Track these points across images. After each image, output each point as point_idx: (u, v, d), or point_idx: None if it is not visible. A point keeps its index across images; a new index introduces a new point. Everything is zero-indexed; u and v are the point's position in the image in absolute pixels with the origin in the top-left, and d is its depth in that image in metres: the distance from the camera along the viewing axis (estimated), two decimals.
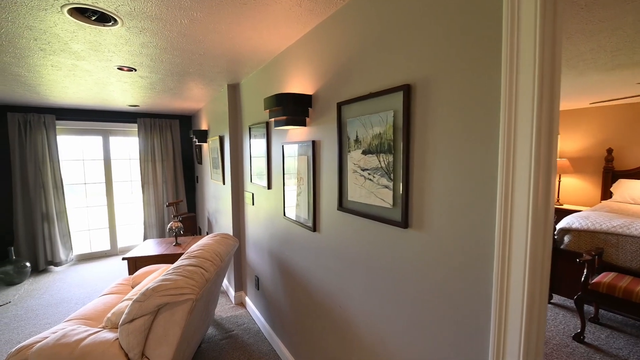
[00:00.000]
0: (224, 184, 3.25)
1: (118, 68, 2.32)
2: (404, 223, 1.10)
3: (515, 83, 0.75)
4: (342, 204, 1.45)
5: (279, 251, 2.22)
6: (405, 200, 1.09)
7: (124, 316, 1.57)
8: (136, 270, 2.91)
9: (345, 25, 1.38)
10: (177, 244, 3.19)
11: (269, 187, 2.32)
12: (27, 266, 3.81)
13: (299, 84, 1.81)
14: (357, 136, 1.32)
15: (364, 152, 1.28)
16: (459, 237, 0.93)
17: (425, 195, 1.04)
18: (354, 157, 1.34)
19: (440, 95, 0.97)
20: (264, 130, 2.30)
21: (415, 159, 1.07)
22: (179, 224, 3.17)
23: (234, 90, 2.95)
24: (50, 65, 2.23)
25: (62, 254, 4.31)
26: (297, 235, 1.94)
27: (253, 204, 2.69)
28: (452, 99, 0.93)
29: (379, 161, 1.20)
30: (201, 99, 3.68)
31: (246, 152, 2.78)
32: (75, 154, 4.57)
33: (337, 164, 1.48)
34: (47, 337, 1.68)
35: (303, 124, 1.74)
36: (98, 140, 4.65)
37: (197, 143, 4.18)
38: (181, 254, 2.93)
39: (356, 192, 1.34)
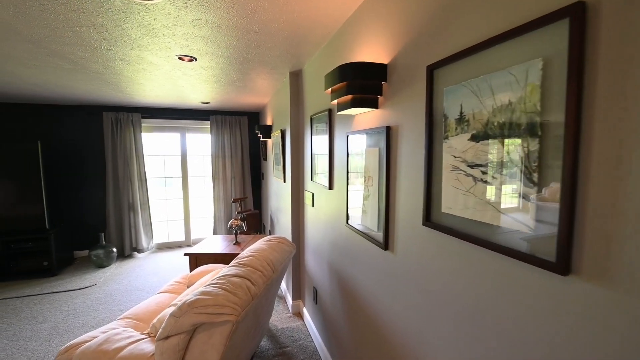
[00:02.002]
0: (284, 181, 3.01)
1: (179, 58, 2.22)
2: (564, 265, 0.59)
3: None
4: (430, 217, 0.98)
5: (340, 264, 1.83)
6: (568, 222, 0.58)
7: (160, 330, 1.37)
8: (196, 267, 2.86)
9: None
10: (237, 243, 3.06)
11: (331, 187, 1.94)
12: (114, 251, 4.21)
13: (370, 53, 1.38)
14: (461, 113, 0.83)
15: (476, 138, 0.79)
16: None
17: (619, 213, 0.52)
18: (455, 146, 0.86)
19: None
20: (326, 119, 1.93)
21: (596, 144, 0.55)
22: (239, 222, 3.04)
23: (296, 79, 2.66)
24: (119, 58, 2.24)
25: (144, 242, 4.68)
26: (362, 250, 1.51)
27: (313, 205, 2.35)
28: None
29: (508, 151, 0.70)
30: (265, 92, 3.52)
31: (307, 146, 2.46)
32: (156, 149, 4.93)
33: (423, 158, 1.01)
34: (94, 338, 1.62)
35: (374, 104, 1.30)
36: (176, 137, 4.94)
37: (262, 139, 4.08)
38: (238, 255, 2.78)
39: (457, 201, 0.85)
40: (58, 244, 3.89)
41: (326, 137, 1.95)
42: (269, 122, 4.09)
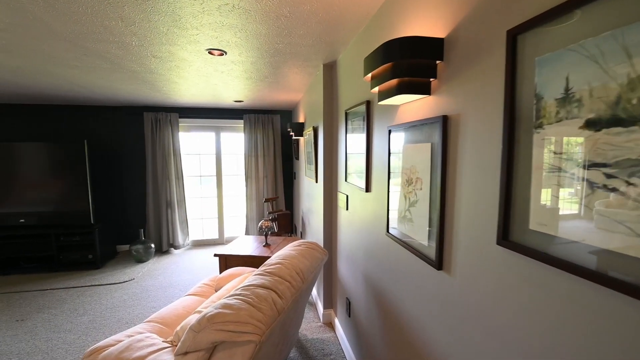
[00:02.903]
0: (316, 182, 2.83)
1: (209, 52, 2.13)
2: None
3: None
4: (508, 235, 0.73)
5: (377, 277, 1.60)
6: None
7: (179, 344, 1.25)
8: (226, 268, 2.78)
9: None
10: (267, 245, 2.95)
11: (368, 189, 1.72)
12: (152, 247, 4.33)
13: (420, 27, 1.14)
14: (567, 89, 0.58)
15: (595, 125, 0.53)
16: None
17: None
18: (556, 138, 0.60)
19: None
20: (364, 112, 1.71)
21: None
22: (269, 224, 2.92)
23: (330, 71, 2.46)
24: (151, 55, 2.20)
25: (180, 239, 4.78)
26: (405, 265, 1.28)
27: (347, 209, 2.15)
28: None
29: None
30: (298, 88, 3.37)
31: (341, 143, 2.26)
32: (192, 148, 5.02)
33: (499, 155, 0.76)
34: (118, 342, 1.56)
35: (425, 90, 1.07)
36: (211, 136, 4.99)
37: (294, 137, 3.94)
38: (268, 258, 2.65)
39: (557, 216, 0.60)
40: (102, 239, 4.07)
41: (363, 133, 1.73)
42: (301, 120, 3.95)
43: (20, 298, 3.13)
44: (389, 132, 1.38)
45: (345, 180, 2.13)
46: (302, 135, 3.71)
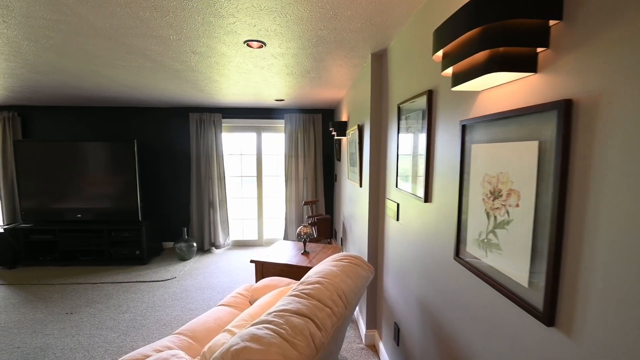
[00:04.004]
0: (360, 186, 2.56)
1: (247, 45, 1.98)
2: None
3: None
4: None
5: (438, 310, 1.29)
6: None
7: None
8: (262, 275, 2.63)
9: None
10: (305, 253, 2.74)
11: (427, 198, 1.41)
12: (194, 245, 4.38)
13: None
14: None
15: None
16: None
17: None
18: None
19: None
20: (423, 105, 1.41)
21: None
22: (308, 230, 2.71)
23: (379, 61, 2.17)
24: (191, 51, 2.11)
25: (221, 238, 4.80)
26: (487, 306, 0.96)
27: (397, 219, 1.84)
28: None
29: None
30: (342, 84, 3.13)
31: (391, 143, 1.96)
32: (234, 148, 5.02)
33: None
34: (146, 357, 1.44)
35: (528, 65, 0.75)
36: (252, 136, 4.95)
37: (336, 137, 3.70)
38: (307, 269, 2.44)
39: None
40: (148, 235, 4.20)
41: (422, 130, 1.43)
42: (343, 118, 3.69)
43: (73, 290, 3.30)
44: (463, 127, 1.07)
45: (396, 187, 1.83)
46: (344, 135, 3.45)
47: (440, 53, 0.93)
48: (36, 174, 4.03)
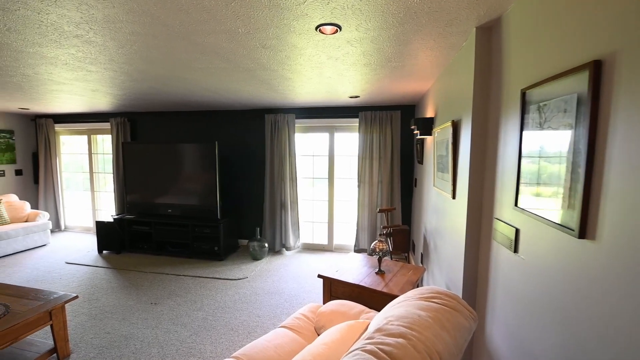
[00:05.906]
0: (453, 197, 2.05)
1: (320, 31, 1.71)
2: None
3: None
4: None
5: None
6: None
7: None
8: (330, 293, 2.35)
9: None
10: (380, 272, 2.36)
11: (584, 231, 0.90)
12: (265, 246, 4.39)
13: None
14: None
15: None
16: None
17: None
18: None
19: None
20: (580, 86, 0.90)
21: None
22: (384, 247, 2.32)
23: (487, 36, 1.66)
24: (260, 45, 1.95)
25: (291, 240, 4.73)
26: None
27: (515, 250, 1.33)
28: None
29: None
30: (429, 74, 2.64)
31: (507, 144, 1.44)
32: (306, 149, 4.90)
33: None
34: None
35: None
36: (325, 137, 4.76)
37: (419, 136, 3.20)
38: (381, 294, 2.06)
39: None
40: (225, 233, 4.37)
41: (578, 124, 0.92)
42: (428, 114, 3.16)
43: (160, 280, 3.57)
44: None
45: (515, 205, 1.31)
46: (429, 134, 2.94)
47: None
48: (138, 172, 4.57)
